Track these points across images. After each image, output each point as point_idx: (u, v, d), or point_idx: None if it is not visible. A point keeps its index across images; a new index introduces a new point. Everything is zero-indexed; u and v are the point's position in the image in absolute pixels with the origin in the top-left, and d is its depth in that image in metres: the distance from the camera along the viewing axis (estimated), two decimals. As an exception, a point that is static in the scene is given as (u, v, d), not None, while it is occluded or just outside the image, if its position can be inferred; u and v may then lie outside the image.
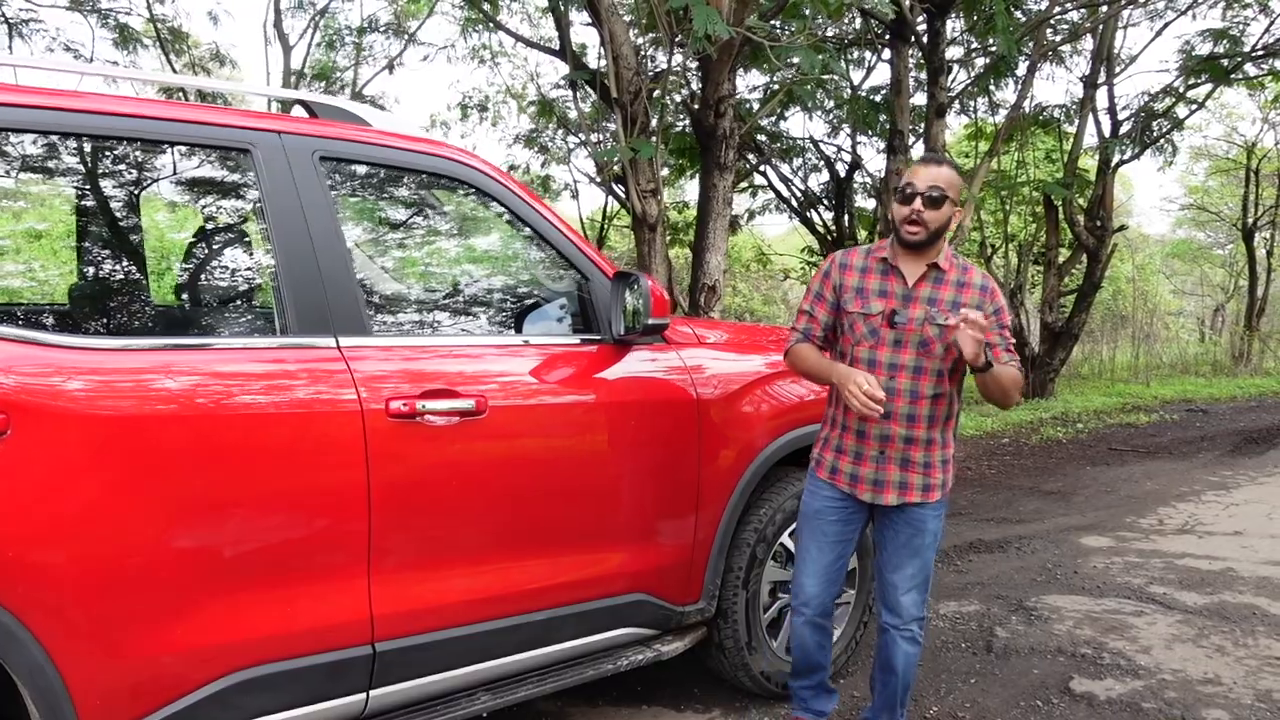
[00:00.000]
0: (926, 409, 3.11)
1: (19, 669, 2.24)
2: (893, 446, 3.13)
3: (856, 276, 3.20)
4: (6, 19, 11.68)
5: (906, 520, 3.18)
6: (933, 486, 3.17)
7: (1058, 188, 12.42)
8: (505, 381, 3.05)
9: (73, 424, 2.28)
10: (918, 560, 3.20)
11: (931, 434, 3.14)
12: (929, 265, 3.13)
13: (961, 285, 3.13)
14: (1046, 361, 13.31)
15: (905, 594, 3.21)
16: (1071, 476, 8.47)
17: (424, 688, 2.90)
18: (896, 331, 3.10)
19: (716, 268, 8.32)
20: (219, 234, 3.08)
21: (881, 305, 3.13)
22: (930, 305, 3.10)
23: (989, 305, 3.11)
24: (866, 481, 3.17)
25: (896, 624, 3.23)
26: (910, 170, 3.13)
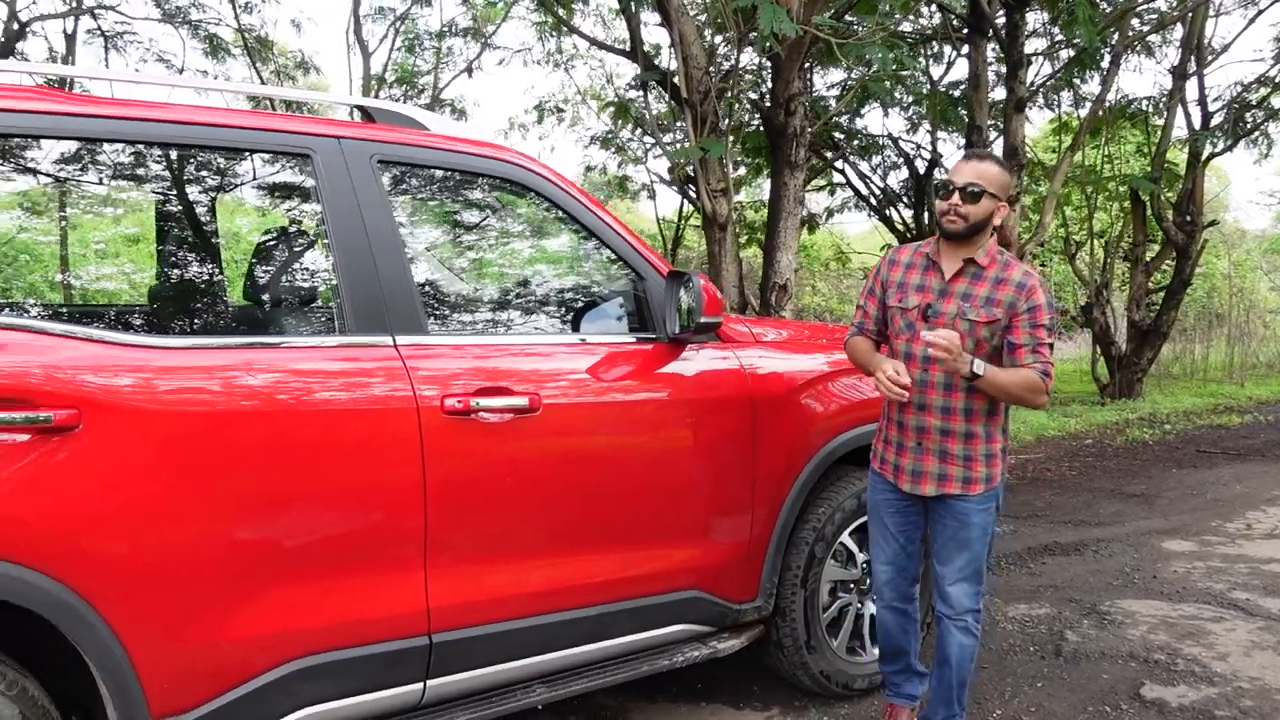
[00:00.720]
0: (962, 402, 3.15)
1: (90, 651, 2.35)
2: (929, 438, 3.19)
3: (901, 272, 3.30)
4: (103, 33, 12.13)
5: (951, 513, 3.22)
6: (974, 480, 3.18)
7: (1145, 182, 12.07)
8: (560, 379, 3.10)
9: (140, 419, 2.38)
10: (966, 553, 3.23)
11: (970, 427, 3.16)
12: (966, 261, 3.16)
13: (999, 282, 3.14)
14: (1134, 361, 12.95)
15: (953, 585, 3.26)
16: (1156, 479, 8.25)
17: (480, 679, 2.96)
18: (930, 326, 3.14)
19: (788, 266, 8.28)
20: (281, 236, 3.18)
21: (918, 299, 3.21)
22: (964, 301, 3.14)
23: (1023, 303, 3.10)
24: (906, 472, 3.25)
25: (949, 614, 3.28)
26: (954, 167, 3.19)
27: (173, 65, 12.76)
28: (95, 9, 11.65)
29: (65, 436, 2.29)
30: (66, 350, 2.35)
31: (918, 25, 12.74)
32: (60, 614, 2.30)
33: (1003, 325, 3.11)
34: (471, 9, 14.47)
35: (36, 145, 2.79)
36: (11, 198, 3.53)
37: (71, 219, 4.13)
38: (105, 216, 3.67)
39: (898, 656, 3.52)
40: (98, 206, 3.80)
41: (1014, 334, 3.09)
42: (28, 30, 10.77)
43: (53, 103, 2.52)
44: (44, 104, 2.50)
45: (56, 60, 11.49)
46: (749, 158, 14.62)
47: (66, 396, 2.29)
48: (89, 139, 2.67)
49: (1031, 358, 3.07)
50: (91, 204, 3.84)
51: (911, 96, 14.40)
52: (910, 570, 3.41)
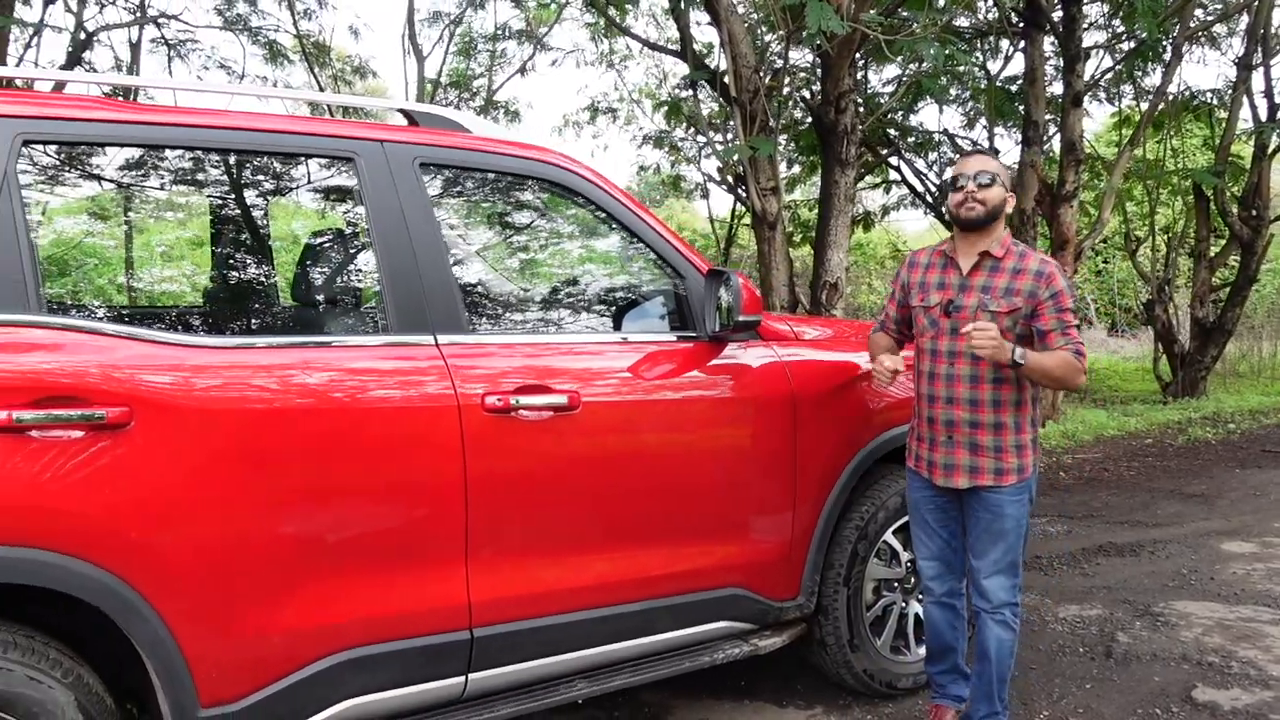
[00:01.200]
0: (989, 393, 3.21)
1: (142, 641, 2.43)
2: (959, 431, 3.25)
3: (920, 273, 3.41)
4: (166, 41, 12.43)
5: (984, 505, 3.26)
6: (1005, 470, 3.23)
7: (1208, 176, 11.80)
8: (600, 377, 3.13)
9: (188, 416, 2.46)
10: (1001, 544, 3.26)
11: (999, 418, 3.22)
12: (982, 254, 3.25)
13: (1017, 272, 3.22)
14: (1197, 359, 12.67)
15: (989, 578, 3.29)
16: (1218, 479, 8.07)
17: (521, 673, 3.00)
18: (953, 320, 3.24)
19: (838, 265, 8.24)
20: (326, 238, 3.25)
21: (939, 296, 3.31)
22: (984, 293, 3.22)
23: (1044, 290, 3.17)
24: (939, 466, 3.31)
25: (985, 607, 3.32)
26: (959, 164, 3.33)
27: (233, 71, 13.03)
28: (158, 19, 11.93)
29: (117, 433, 2.37)
30: (119, 350, 2.43)
31: (974, 20, 12.59)
32: (113, 605, 2.38)
33: (1024, 314, 3.18)
34: (524, 11, 14.60)
35: (99, 152, 2.88)
36: (76, 203, 3.65)
37: (128, 223, 4.27)
38: (158, 220, 3.78)
39: (945, 655, 3.53)
40: (153, 211, 3.91)
41: (1041, 321, 3.17)
42: (94, 40, 11.06)
43: (110, 111, 2.61)
44: (102, 112, 2.59)
45: (121, 69, 11.79)
46: (804, 155, 14.56)
47: (118, 395, 2.37)
48: (144, 145, 2.77)
49: (1063, 340, 3.14)
50: (147, 208, 3.96)
51: (968, 92, 14.24)
52: (956, 565, 3.45)
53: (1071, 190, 10.40)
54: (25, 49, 10.35)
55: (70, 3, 10.82)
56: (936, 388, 3.29)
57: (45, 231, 3.57)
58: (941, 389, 3.27)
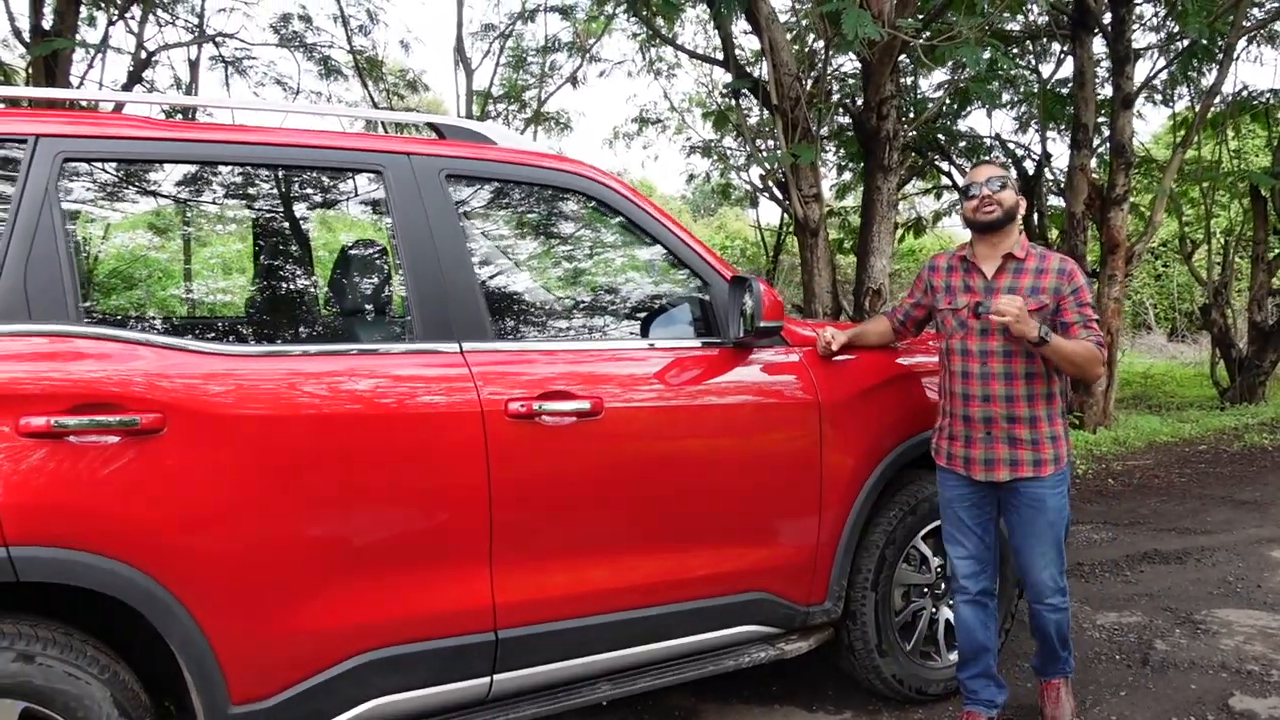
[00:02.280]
0: (1023, 388, 3.34)
1: (175, 640, 2.52)
2: (997, 427, 3.36)
3: (943, 276, 3.55)
4: (224, 59, 12.74)
5: (1025, 500, 3.38)
6: (1043, 461, 3.35)
7: (1265, 178, 11.57)
8: (623, 383, 3.17)
9: (221, 422, 2.55)
10: (1046, 537, 3.39)
11: (1034, 411, 3.34)
12: (1006, 256, 3.40)
13: (1040, 272, 3.37)
14: (1255, 363, 12.39)
15: (1041, 571, 3.43)
16: (1273, 486, 7.90)
17: (545, 674, 3.05)
18: (982, 322, 3.37)
19: (881, 271, 8.21)
20: (355, 249, 3.34)
21: (966, 299, 3.44)
22: (1012, 294, 3.32)
23: (1067, 286, 3.33)
24: (979, 462, 3.40)
25: (1037, 599, 3.48)
26: (969, 176, 3.49)
27: (289, 87, 13.32)
28: (216, 38, 12.24)
29: (151, 439, 2.46)
30: (154, 358, 2.53)
31: (1026, 22, 12.47)
32: (148, 604, 2.48)
33: (1051, 310, 3.31)
34: (574, 24, 14.73)
35: (135, 169, 2.99)
36: (115, 219, 3.79)
37: (163, 237, 4.43)
38: (191, 234, 3.91)
39: (978, 658, 3.55)
40: (187, 225, 4.04)
41: (1065, 315, 3.31)
42: (154, 60, 11.38)
43: (145, 129, 2.71)
44: (137, 130, 2.70)
45: (181, 87, 12.11)
46: (852, 162, 14.51)
47: (152, 401, 2.47)
48: (178, 162, 2.88)
49: (1085, 332, 3.29)
50: (181, 223, 4.10)
51: (1020, 95, 14.10)
52: (990, 562, 3.53)
53: (1122, 193, 10.25)
54: (87, 69, 10.67)
55: (131, 24, 11.16)
56: (971, 386, 3.39)
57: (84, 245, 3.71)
58: (977, 387, 3.38)
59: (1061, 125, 13.50)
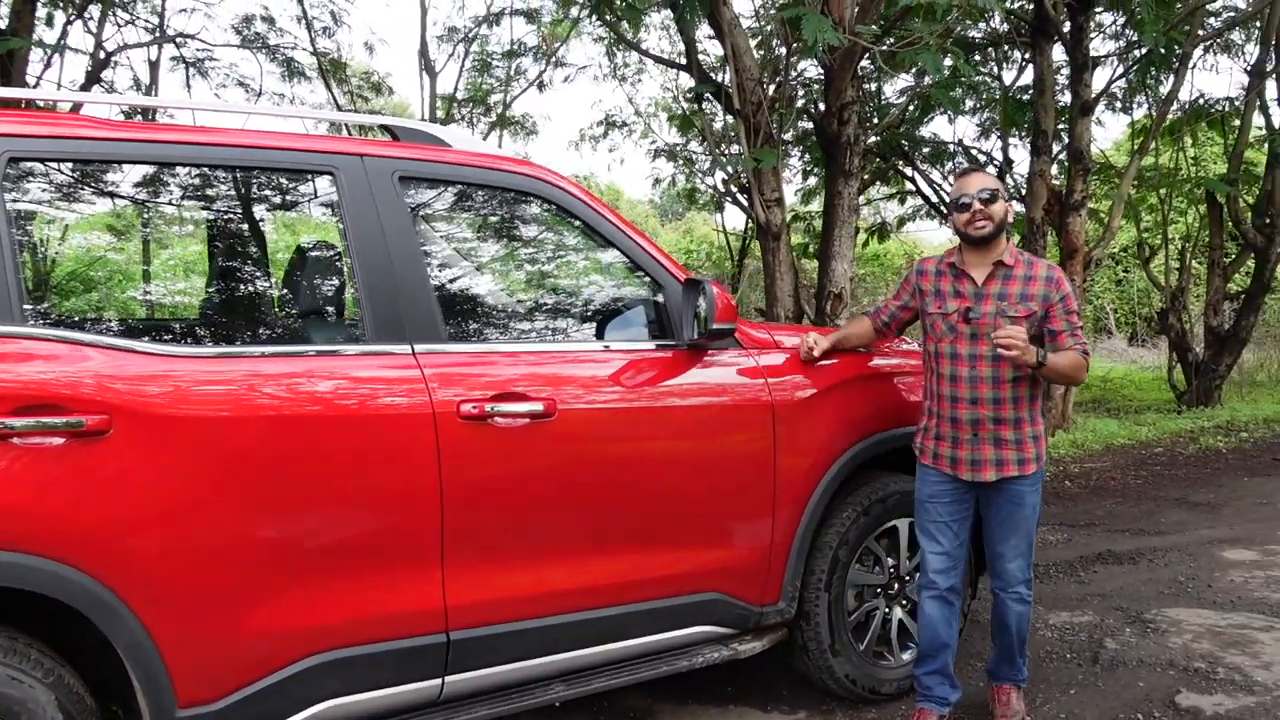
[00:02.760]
0: (1010, 391, 3.42)
1: (121, 643, 2.50)
2: (984, 429, 3.44)
3: (932, 281, 3.61)
4: (185, 60, 12.63)
5: (1006, 497, 3.49)
6: (1027, 460, 3.46)
7: (1220, 184, 11.75)
8: (577, 385, 3.18)
9: (168, 424, 2.54)
10: (1020, 530, 3.52)
11: (1019, 413, 3.44)
12: (996, 264, 3.46)
13: (1029, 279, 3.45)
14: (1211, 367, 12.58)
15: (1011, 562, 3.55)
16: (1226, 488, 8.03)
17: (498, 676, 3.06)
18: (972, 326, 3.45)
19: (843, 275, 8.27)
20: (307, 250, 3.32)
21: (956, 305, 3.50)
22: (1001, 300, 3.43)
23: (1055, 294, 3.42)
24: (965, 463, 3.48)
25: (1004, 588, 3.59)
26: (958, 184, 3.54)
27: (251, 89, 13.22)
28: (177, 38, 12.13)
29: (97, 440, 2.45)
30: (100, 359, 2.51)
31: (989, 30, 12.60)
32: (93, 608, 2.46)
33: (1040, 316, 3.40)
34: (540, 27, 14.73)
35: (83, 169, 2.97)
36: (63, 219, 3.76)
37: (117, 238, 4.39)
38: (141, 235, 3.89)
39: (937, 654, 3.60)
40: (136, 226, 4.02)
41: (1053, 322, 3.41)
42: (113, 60, 11.26)
43: (93, 129, 2.69)
44: (85, 130, 2.68)
45: (140, 88, 11.99)
46: (818, 167, 14.58)
47: (98, 402, 2.45)
48: (126, 162, 2.86)
49: (1071, 340, 3.40)
50: (131, 224, 4.07)
51: (982, 102, 14.24)
52: (962, 560, 3.62)
53: (1080, 199, 10.39)
54: (44, 68, 10.54)
55: (90, 23, 11.04)
56: (960, 389, 3.47)
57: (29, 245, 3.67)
58: (965, 390, 3.46)
59: (1023, 132, 13.64)
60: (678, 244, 25.77)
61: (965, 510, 3.57)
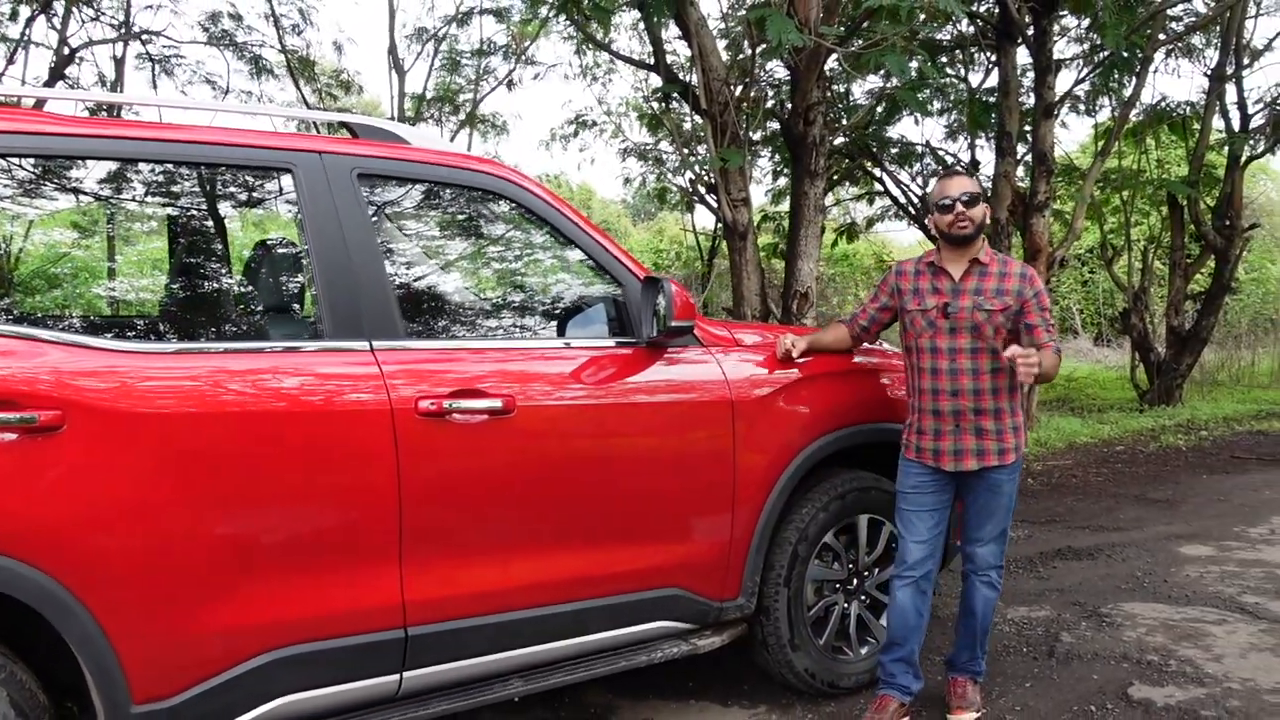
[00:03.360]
0: (989, 382, 3.55)
1: (75, 640, 2.49)
2: (965, 419, 3.57)
3: (911, 280, 3.73)
4: (151, 57, 12.53)
5: (986, 485, 3.62)
6: (1007, 450, 3.59)
7: (1181, 186, 11.93)
8: (537, 382, 3.20)
9: (123, 420, 2.53)
10: (996, 517, 3.66)
11: (998, 404, 3.57)
12: (971, 261, 3.61)
13: (1003, 275, 3.60)
14: (1173, 367, 12.76)
15: (984, 546, 3.70)
16: (1184, 485, 8.16)
17: (456, 671, 3.07)
18: (950, 321, 3.58)
19: (808, 274, 8.32)
20: (265, 247, 3.32)
21: (935, 301, 3.63)
22: (978, 295, 3.57)
23: (1029, 290, 3.57)
24: (948, 453, 3.59)
25: (975, 571, 3.72)
26: (940, 186, 3.65)
27: (218, 86, 13.13)
28: (143, 35, 12.03)
29: (50, 436, 2.44)
30: (53, 355, 2.51)
31: (956, 33, 12.70)
32: (46, 604, 2.45)
33: (1014, 310, 3.55)
34: (509, 26, 14.71)
35: (37, 165, 2.96)
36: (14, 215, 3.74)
37: (77, 234, 4.38)
38: (100, 231, 3.87)
39: (905, 641, 3.66)
40: (95, 221, 4.00)
41: (1029, 317, 3.55)
42: (77, 56, 11.15)
43: (43, 124, 2.69)
44: (35, 125, 2.67)
45: (106, 85, 11.88)
46: (786, 167, 14.64)
47: (51, 398, 2.44)
48: (83, 158, 2.85)
49: (1047, 335, 3.55)
50: (88, 220, 4.05)
51: (949, 103, 14.36)
52: (939, 548, 3.70)
53: (1044, 200, 10.50)
54: (7, 64, 10.44)
55: (54, 19, 10.93)
56: (941, 382, 3.59)
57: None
58: (946, 383, 3.58)
59: (989, 133, 13.74)
60: (649, 244, 25.82)
61: (945, 501, 3.67)
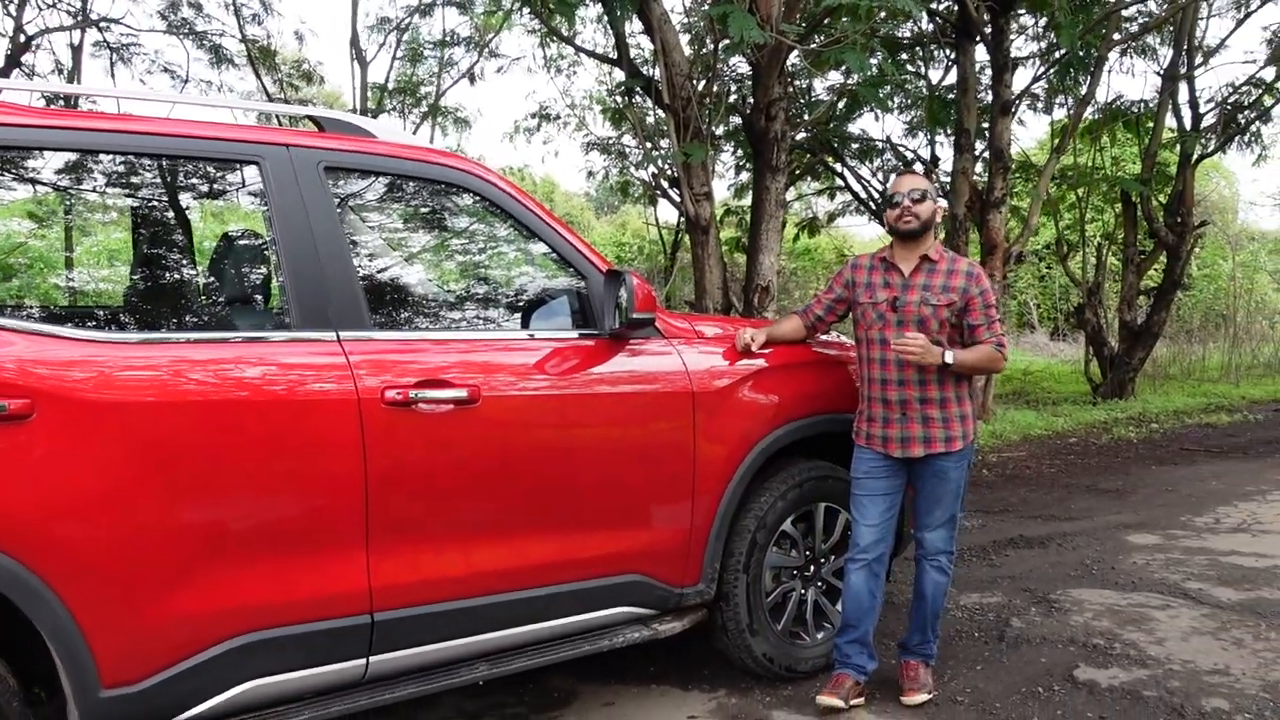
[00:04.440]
0: (935, 373, 3.69)
1: (44, 625, 2.52)
2: (912, 408, 3.71)
3: (865, 274, 3.89)
4: (109, 45, 12.40)
5: (933, 472, 3.76)
6: (953, 438, 3.73)
7: (1134, 183, 12.18)
8: (501, 372, 3.25)
9: (91, 409, 2.56)
10: (944, 503, 3.79)
11: (944, 393, 3.71)
12: (922, 258, 3.75)
13: (951, 273, 3.74)
14: (1125, 361, 13.03)
15: (932, 531, 3.83)
16: (1134, 476, 8.37)
17: (422, 656, 3.12)
18: (899, 314, 3.73)
19: (770, 269, 8.43)
20: (233, 238, 3.35)
21: (885, 295, 3.78)
22: (925, 290, 3.72)
23: (975, 288, 3.72)
24: (895, 440, 3.74)
25: (926, 555, 3.86)
26: (894, 183, 3.85)
27: (178, 76, 13.02)
28: (100, 22, 11.91)
29: (19, 424, 2.47)
30: (22, 345, 2.53)
31: (917, 30, 12.86)
32: (15, 590, 2.48)
33: (959, 307, 3.68)
34: (472, 18, 14.68)
35: (7, 155, 2.97)
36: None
37: (38, 225, 4.38)
38: (69, 222, 3.88)
39: (860, 623, 3.78)
40: (65, 213, 4.01)
41: (971, 315, 3.70)
42: (33, 44, 11.03)
43: (8, 115, 2.70)
44: (19, 118, 2.69)
45: (62, 73, 11.76)
46: (750, 162, 14.74)
47: (20, 387, 2.47)
48: (52, 149, 2.86)
49: (988, 333, 3.70)
50: (58, 211, 4.06)
51: (909, 100, 14.53)
52: (891, 532, 3.85)
53: (1000, 196, 10.69)
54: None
55: (10, 6, 10.80)
56: (889, 372, 3.74)
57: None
58: (894, 373, 3.72)
59: (949, 130, 13.94)
60: (612, 237, 25.87)
61: (896, 486, 3.80)
